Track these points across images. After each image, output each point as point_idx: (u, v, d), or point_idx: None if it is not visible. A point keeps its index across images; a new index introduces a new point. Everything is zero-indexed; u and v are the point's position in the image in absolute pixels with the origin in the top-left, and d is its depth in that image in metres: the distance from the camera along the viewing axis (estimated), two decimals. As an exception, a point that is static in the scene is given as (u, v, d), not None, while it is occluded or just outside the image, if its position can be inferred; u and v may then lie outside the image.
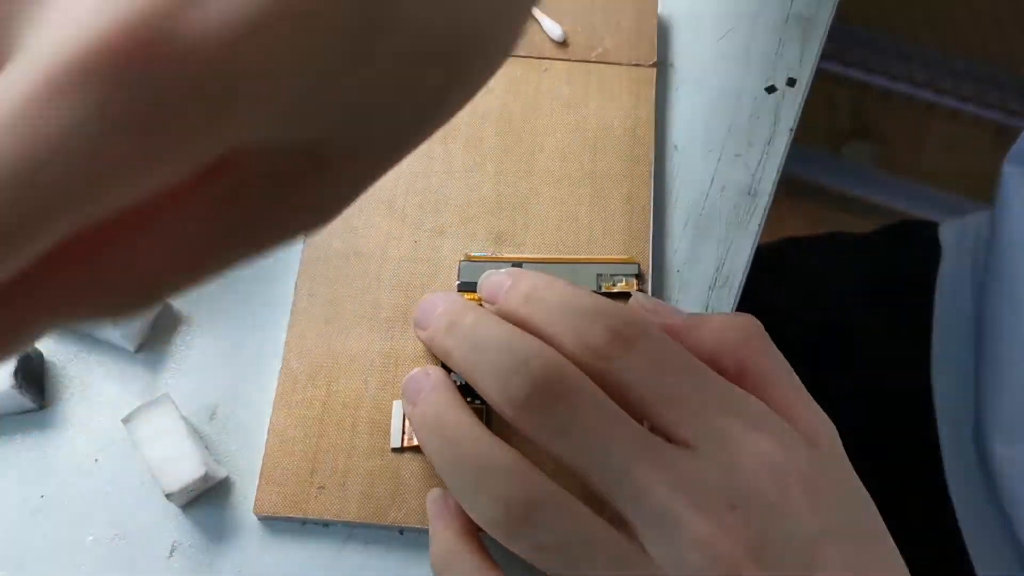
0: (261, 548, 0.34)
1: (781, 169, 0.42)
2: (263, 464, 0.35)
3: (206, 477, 0.34)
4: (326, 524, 0.35)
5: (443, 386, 0.31)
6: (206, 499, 0.35)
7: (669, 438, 0.27)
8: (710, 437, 0.27)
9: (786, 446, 0.26)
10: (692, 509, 0.26)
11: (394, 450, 0.35)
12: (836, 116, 1.20)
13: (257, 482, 0.35)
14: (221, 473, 0.35)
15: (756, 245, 0.40)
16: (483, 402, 0.34)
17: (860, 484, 0.29)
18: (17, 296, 0.16)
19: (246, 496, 0.35)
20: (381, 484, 0.34)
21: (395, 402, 0.36)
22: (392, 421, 0.35)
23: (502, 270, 0.31)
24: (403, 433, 0.35)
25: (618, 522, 0.27)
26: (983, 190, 1.05)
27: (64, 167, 0.14)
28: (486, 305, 0.32)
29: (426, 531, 0.34)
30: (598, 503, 0.27)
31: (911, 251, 0.65)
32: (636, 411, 0.28)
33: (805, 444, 0.27)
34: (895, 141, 1.22)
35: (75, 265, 0.16)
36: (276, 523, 0.35)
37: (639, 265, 0.38)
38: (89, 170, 0.14)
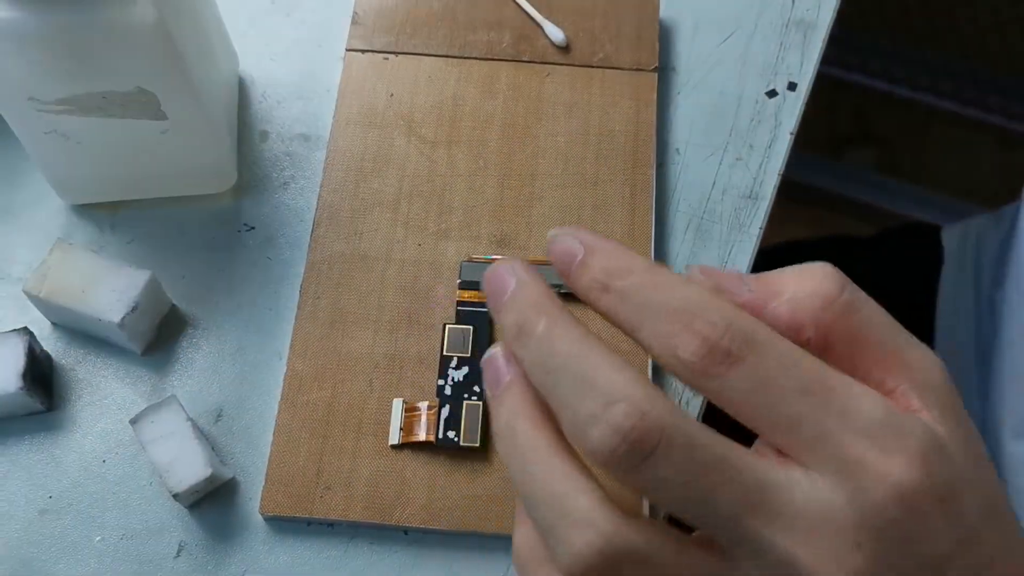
0: (267, 548, 0.35)
1: (782, 172, 0.42)
2: (269, 465, 0.35)
3: (212, 478, 0.34)
4: (331, 524, 0.35)
5: (519, 385, 0.26)
6: (212, 499, 0.35)
7: (786, 455, 0.24)
8: (833, 466, 0.23)
9: (923, 461, 0.23)
10: (813, 554, 0.23)
11: (393, 447, 0.35)
12: (837, 120, 1.20)
13: (263, 482, 0.35)
14: (227, 474, 0.36)
15: (757, 248, 0.40)
16: None
17: (977, 439, 0.26)
18: None
19: (252, 496, 0.35)
20: (386, 484, 0.35)
21: (394, 400, 0.36)
22: (392, 418, 0.36)
23: (569, 231, 0.26)
24: (400, 430, 0.35)
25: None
26: (985, 193, 1.06)
27: None
28: (558, 270, 0.27)
29: (429, 531, 0.34)
30: None
31: (913, 254, 0.65)
32: (745, 425, 0.24)
33: (936, 444, 0.24)
34: (896, 145, 1.22)
35: None
36: (282, 523, 0.35)
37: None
38: None
